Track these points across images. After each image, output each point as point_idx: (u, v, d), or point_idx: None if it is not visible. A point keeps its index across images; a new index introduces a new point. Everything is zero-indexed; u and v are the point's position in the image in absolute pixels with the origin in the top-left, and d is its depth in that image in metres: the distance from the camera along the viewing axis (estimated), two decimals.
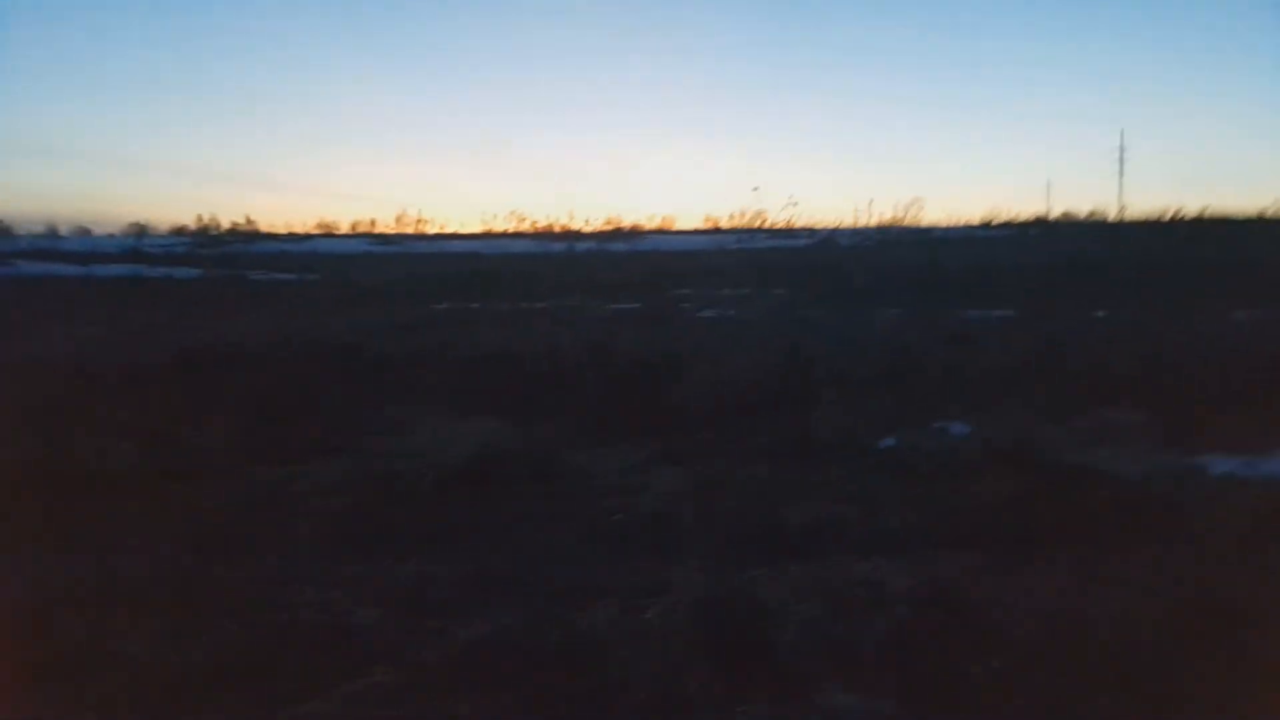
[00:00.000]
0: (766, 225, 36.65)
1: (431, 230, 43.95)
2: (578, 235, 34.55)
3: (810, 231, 33.91)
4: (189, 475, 4.32)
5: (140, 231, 48.11)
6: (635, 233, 36.16)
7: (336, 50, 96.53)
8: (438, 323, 10.04)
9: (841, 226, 35.09)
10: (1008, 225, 35.64)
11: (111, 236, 46.56)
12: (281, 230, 44.72)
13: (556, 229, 37.24)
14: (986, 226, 35.56)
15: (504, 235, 37.47)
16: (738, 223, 38.39)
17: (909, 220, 36.74)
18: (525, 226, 39.02)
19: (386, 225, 45.27)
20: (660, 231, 37.72)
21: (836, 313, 10.67)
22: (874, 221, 36.27)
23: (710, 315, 11.18)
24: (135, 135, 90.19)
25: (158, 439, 5.02)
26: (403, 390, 6.26)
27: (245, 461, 4.51)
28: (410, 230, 43.85)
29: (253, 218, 48.24)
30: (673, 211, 57.02)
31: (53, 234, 43.55)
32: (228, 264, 23.26)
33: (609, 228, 36.74)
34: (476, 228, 42.57)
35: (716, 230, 37.88)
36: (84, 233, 48.05)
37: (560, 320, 10.14)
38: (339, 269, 21.69)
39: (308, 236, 40.70)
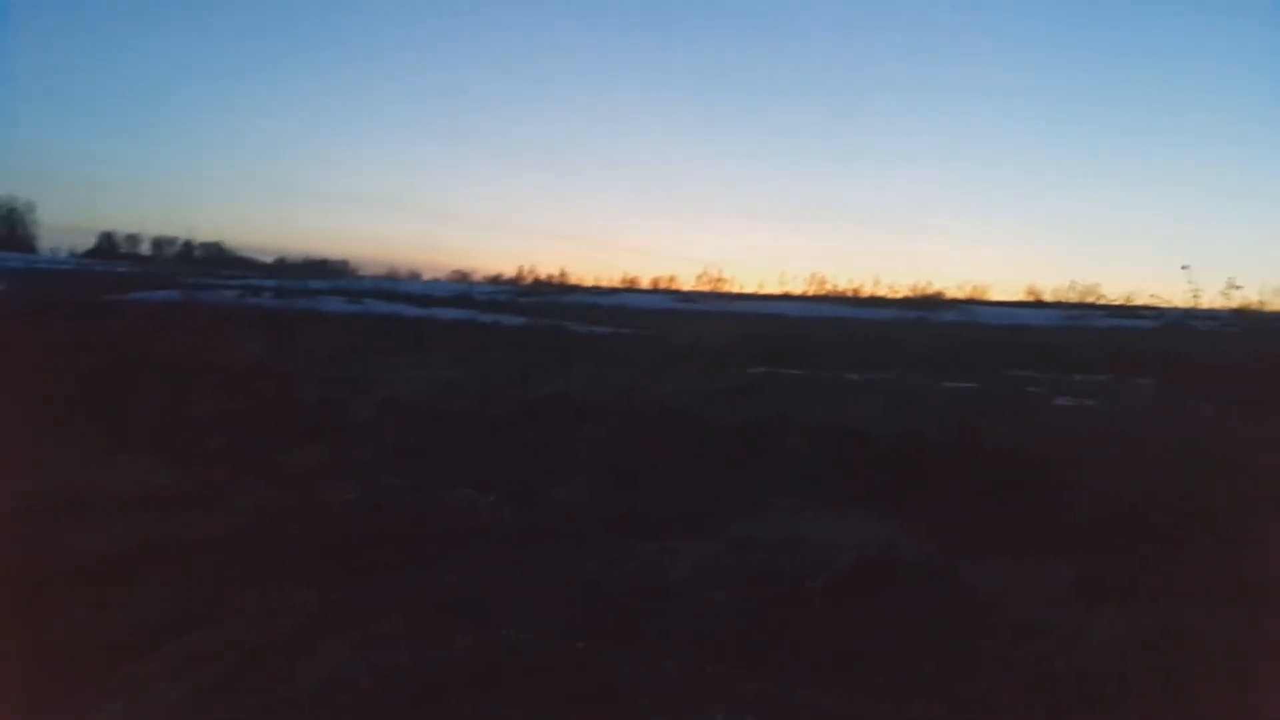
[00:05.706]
0: (1101, 301, 33.15)
1: (731, 289, 44.58)
2: (883, 301, 33.30)
3: (1157, 312, 30.08)
4: (557, 538, 4.17)
5: (464, 278, 53.42)
6: (945, 301, 34.16)
7: (643, 112, 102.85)
8: (765, 390, 9.69)
9: (1199, 307, 30.76)
10: None
11: (438, 281, 52.00)
12: (590, 283, 47.58)
13: (861, 294, 36.18)
14: None
15: (805, 298, 37.05)
16: (1064, 296, 35.06)
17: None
18: (827, 290, 38.32)
19: (687, 282, 46.60)
20: (973, 301, 35.32)
21: (1237, 414, 8.96)
22: (1233, 304, 31.55)
23: (1067, 404, 9.88)
24: (460, 189, 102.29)
25: (519, 493, 5.00)
26: (749, 463, 5.91)
27: (611, 530, 4.30)
28: (709, 289, 44.74)
29: (565, 269, 52.05)
30: (983, 281, 53.46)
31: (391, 276, 48.79)
32: (547, 313, 24.73)
33: (917, 294, 35.08)
34: (775, 289, 42.55)
35: (1039, 304, 34.85)
36: (416, 276, 54.03)
37: (897, 397, 9.40)
38: (648, 324, 22.29)
39: (614, 290, 42.80)
